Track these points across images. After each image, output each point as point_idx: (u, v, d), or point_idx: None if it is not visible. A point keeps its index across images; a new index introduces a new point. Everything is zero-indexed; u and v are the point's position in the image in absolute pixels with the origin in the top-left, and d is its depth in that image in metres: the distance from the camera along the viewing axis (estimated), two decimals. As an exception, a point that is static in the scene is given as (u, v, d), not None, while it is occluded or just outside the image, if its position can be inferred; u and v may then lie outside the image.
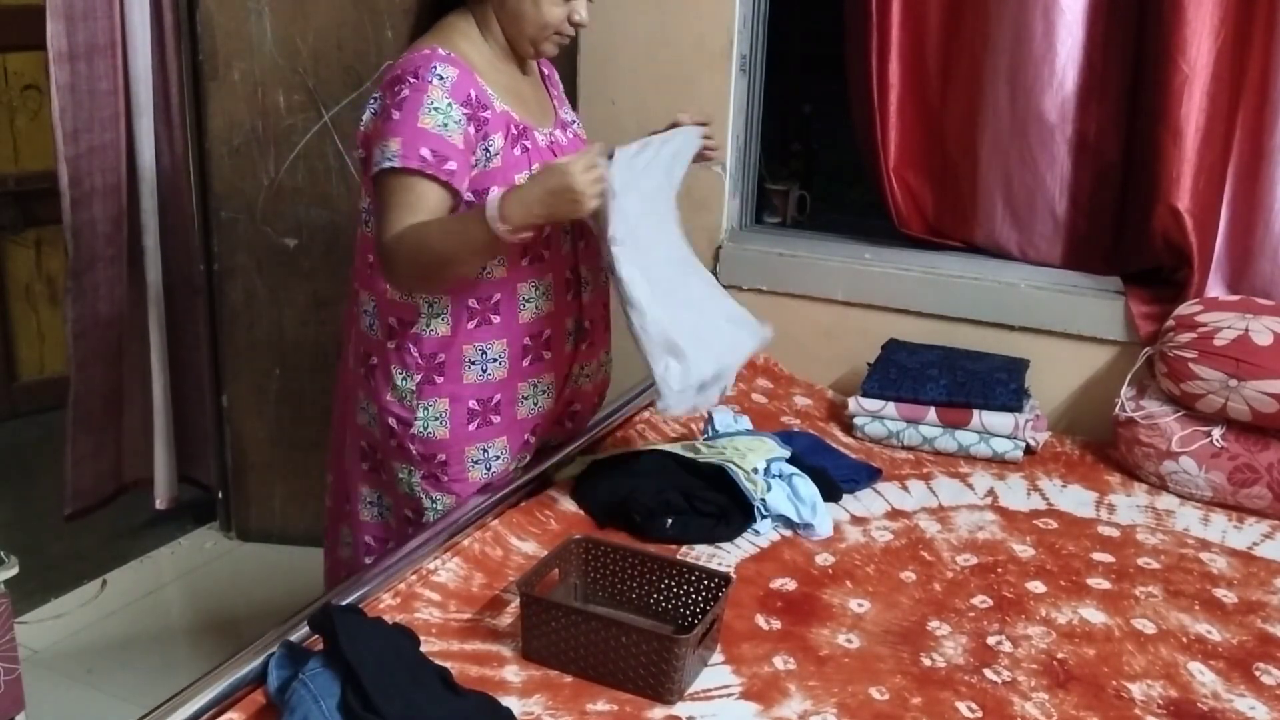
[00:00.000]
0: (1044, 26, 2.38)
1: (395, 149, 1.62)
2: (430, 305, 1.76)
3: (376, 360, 1.82)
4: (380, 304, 1.80)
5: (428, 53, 1.68)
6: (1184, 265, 2.30)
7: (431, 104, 1.64)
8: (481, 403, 1.81)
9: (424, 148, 1.62)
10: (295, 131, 2.80)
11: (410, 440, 1.80)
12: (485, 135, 1.70)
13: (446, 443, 1.81)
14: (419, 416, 1.79)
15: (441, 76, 1.65)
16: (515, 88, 1.80)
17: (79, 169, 2.73)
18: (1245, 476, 2.04)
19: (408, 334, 1.78)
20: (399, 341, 1.78)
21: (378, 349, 1.82)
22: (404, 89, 1.65)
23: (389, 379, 1.80)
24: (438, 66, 1.66)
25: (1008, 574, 1.79)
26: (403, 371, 1.79)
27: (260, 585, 2.95)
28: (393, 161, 1.62)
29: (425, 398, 1.79)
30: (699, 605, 1.56)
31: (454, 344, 1.77)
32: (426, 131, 1.63)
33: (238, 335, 2.96)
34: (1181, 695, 1.50)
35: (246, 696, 1.33)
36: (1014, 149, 2.48)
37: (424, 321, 1.77)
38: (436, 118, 1.64)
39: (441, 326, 1.77)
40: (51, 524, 2.98)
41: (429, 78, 1.65)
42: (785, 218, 2.94)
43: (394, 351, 1.79)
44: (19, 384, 3.86)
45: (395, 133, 1.63)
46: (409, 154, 1.62)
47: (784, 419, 2.34)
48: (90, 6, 2.68)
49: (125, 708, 2.34)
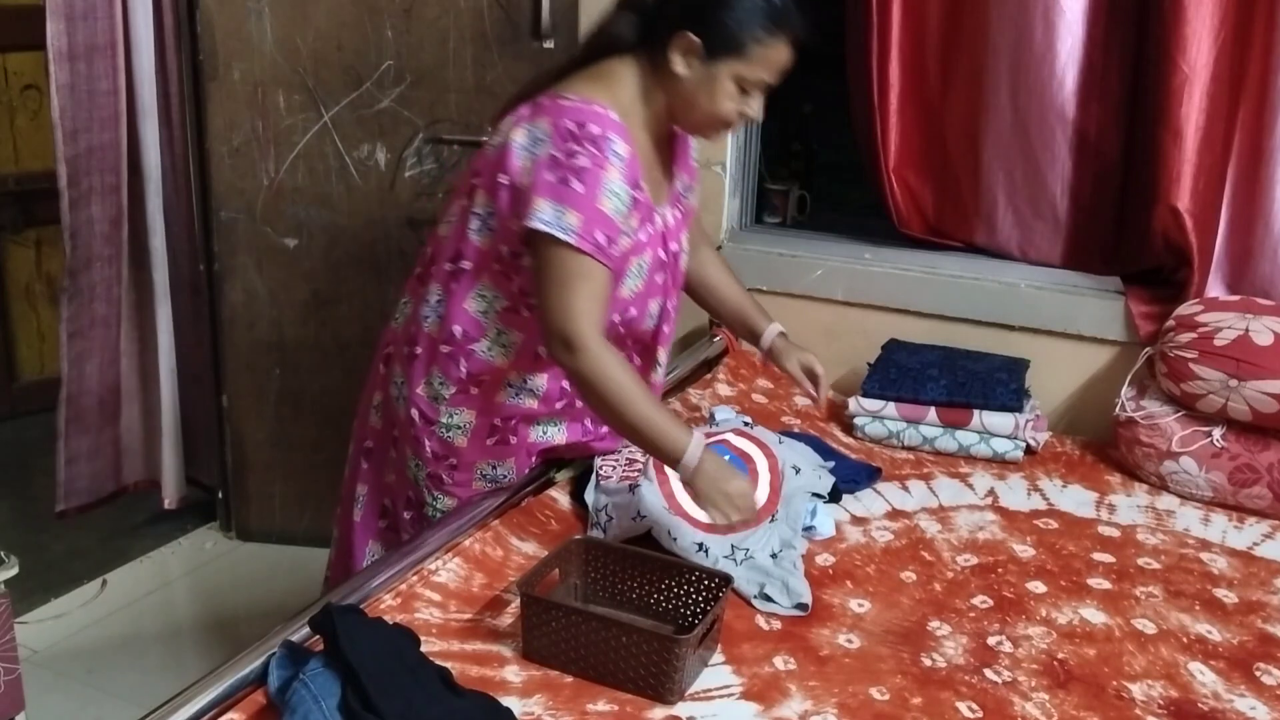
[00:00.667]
0: (1044, 26, 2.37)
1: (574, 224, 1.59)
2: (500, 334, 1.75)
3: (421, 352, 1.80)
4: (451, 308, 1.77)
5: (601, 112, 1.63)
6: (1184, 265, 2.30)
7: (610, 187, 1.61)
8: (504, 421, 1.82)
9: (600, 232, 1.60)
10: (295, 131, 2.81)
11: (429, 437, 1.81)
12: (630, 218, 1.68)
13: (462, 451, 1.81)
14: (443, 421, 1.80)
15: (620, 155, 1.62)
16: (651, 163, 1.76)
17: (77, 169, 2.73)
18: (1245, 476, 2.04)
19: (464, 349, 1.76)
20: (453, 350, 1.77)
21: (426, 343, 1.80)
22: (581, 156, 1.60)
23: (427, 376, 1.79)
24: (614, 141, 1.61)
25: (1008, 574, 1.79)
26: (442, 378, 1.78)
27: (260, 585, 2.95)
28: (568, 236, 1.58)
29: (455, 406, 1.79)
30: (699, 605, 1.56)
31: (501, 373, 1.78)
32: (605, 216, 1.60)
33: (238, 335, 2.96)
34: (1182, 695, 1.50)
35: (247, 697, 1.33)
36: (1014, 149, 2.48)
37: (486, 345, 1.76)
38: (614, 202, 1.61)
39: (500, 357, 1.76)
40: (52, 524, 2.98)
41: (607, 153, 1.60)
42: (785, 218, 2.94)
43: (444, 356, 1.78)
44: (19, 384, 3.86)
45: (576, 206, 1.59)
46: (586, 235, 1.59)
47: (784, 419, 2.34)
48: (90, 6, 2.68)
49: (125, 708, 2.34)
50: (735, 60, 1.65)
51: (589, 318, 1.61)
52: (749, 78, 1.67)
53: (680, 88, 1.68)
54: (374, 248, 2.88)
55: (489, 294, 1.74)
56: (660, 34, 1.67)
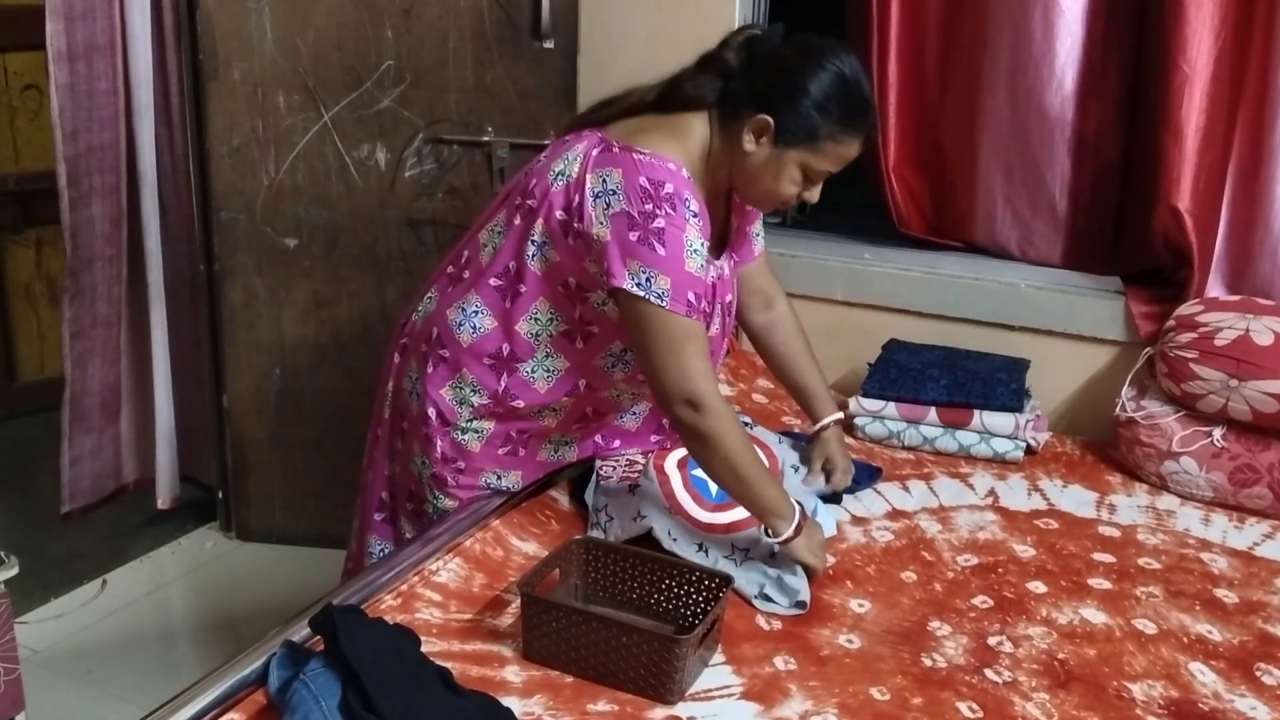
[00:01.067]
0: (1044, 26, 2.38)
1: (665, 288, 1.59)
2: (548, 357, 1.75)
3: (450, 356, 1.79)
4: (500, 326, 1.75)
5: (675, 170, 1.62)
6: (1184, 265, 2.30)
7: (691, 246, 1.60)
8: (520, 434, 1.83)
9: (690, 292, 1.61)
10: (295, 131, 2.80)
11: (442, 437, 1.81)
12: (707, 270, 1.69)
13: (473, 456, 1.82)
14: (461, 425, 1.80)
15: (695, 214, 1.61)
16: (711, 216, 1.74)
17: (77, 169, 2.73)
18: (1246, 476, 2.04)
19: (510, 366, 1.76)
20: (497, 365, 1.76)
21: (460, 350, 1.77)
22: (659, 216, 1.59)
23: (456, 380, 1.78)
24: (689, 200, 1.61)
25: (1008, 574, 1.79)
26: (477, 388, 1.78)
27: (260, 585, 2.95)
28: (663, 301, 1.59)
29: (479, 416, 1.80)
30: (699, 605, 1.56)
31: (538, 400, 1.78)
32: (693, 276, 1.61)
33: (238, 335, 2.96)
34: (1182, 695, 1.50)
35: (247, 697, 1.33)
36: (1014, 149, 2.49)
37: (531, 366, 1.76)
38: (696, 260, 1.62)
39: (542, 381, 1.77)
40: (51, 524, 2.98)
41: (685, 213, 1.60)
42: (785, 218, 2.94)
43: (485, 368, 1.77)
44: (19, 384, 3.86)
45: (664, 270, 1.59)
46: (678, 297, 1.60)
47: (784, 419, 2.34)
48: (90, 6, 2.68)
49: (125, 708, 2.34)
50: (806, 150, 1.66)
51: (707, 377, 1.63)
52: (816, 167, 1.68)
53: (746, 162, 1.69)
54: (374, 248, 2.88)
55: (544, 317, 1.73)
56: (739, 104, 1.67)
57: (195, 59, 2.78)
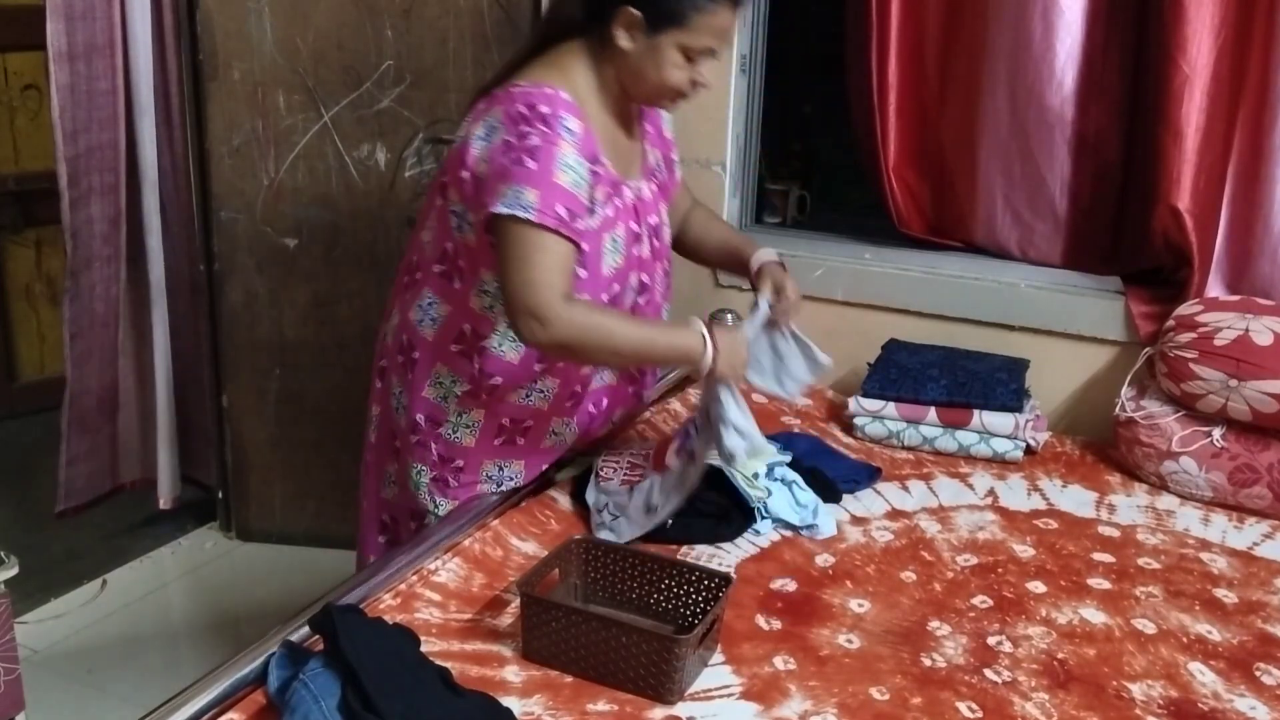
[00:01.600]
0: (1043, 26, 2.37)
1: (532, 201, 1.58)
2: (509, 326, 1.74)
3: (421, 356, 1.80)
4: (454, 309, 1.76)
5: (551, 93, 1.64)
6: (1184, 265, 2.30)
7: (565, 161, 1.61)
8: (514, 423, 1.82)
9: (560, 205, 1.60)
10: (295, 131, 2.81)
11: (434, 439, 1.81)
12: (592, 191, 1.68)
13: (469, 451, 1.81)
14: (450, 420, 1.80)
15: (571, 130, 1.63)
16: (614, 138, 1.77)
17: (78, 169, 2.73)
18: (1245, 476, 2.04)
19: (477, 345, 1.76)
20: (465, 348, 1.77)
21: (427, 346, 1.79)
22: (533, 135, 1.61)
23: (433, 377, 1.79)
24: (565, 118, 1.62)
25: (1008, 574, 1.79)
26: (454, 376, 1.78)
27: (260, 585, 2.95)
28: (528, 213, 1.58)
29: (464, 406, 1.79)
30: (699, 605, 1.56)
31: (514, 374, 1.77)
32: (563, 189, 1.61)
33: (238, 335, 2.96)
34: (1182, 695, 1.50)
35: (247, 696, 1.33)
36: (1014, 149, 2.48)
37: (497, 340, 1.75)
38: (570, 175, 1.62)
39: (511, 352, 1.76)
40: (51, 524, 2.98)
41: (559, 129, 1.61)
42: (785, 218, 2.94)
43: (455, 355, 1.77)
44: (19, 384, 3.86)
45: (531, 183, 1.59)
46: (546, 210, 1.59)
47: (784, 419, 2.34)
48: (90, 6, 2.68)
49: (125, 708, 2.34)
50: (677, 30, 1.66)
51: (551, 288, 1.59)
52: (693, 46, 1.68)
53: (628, 62, 1.70)
54: (374, 248, 2.88)
55: (491, 285, 1.73)
56: (605, 12, 1.68)
57: (195, 59, 2.78)
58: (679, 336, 1.71)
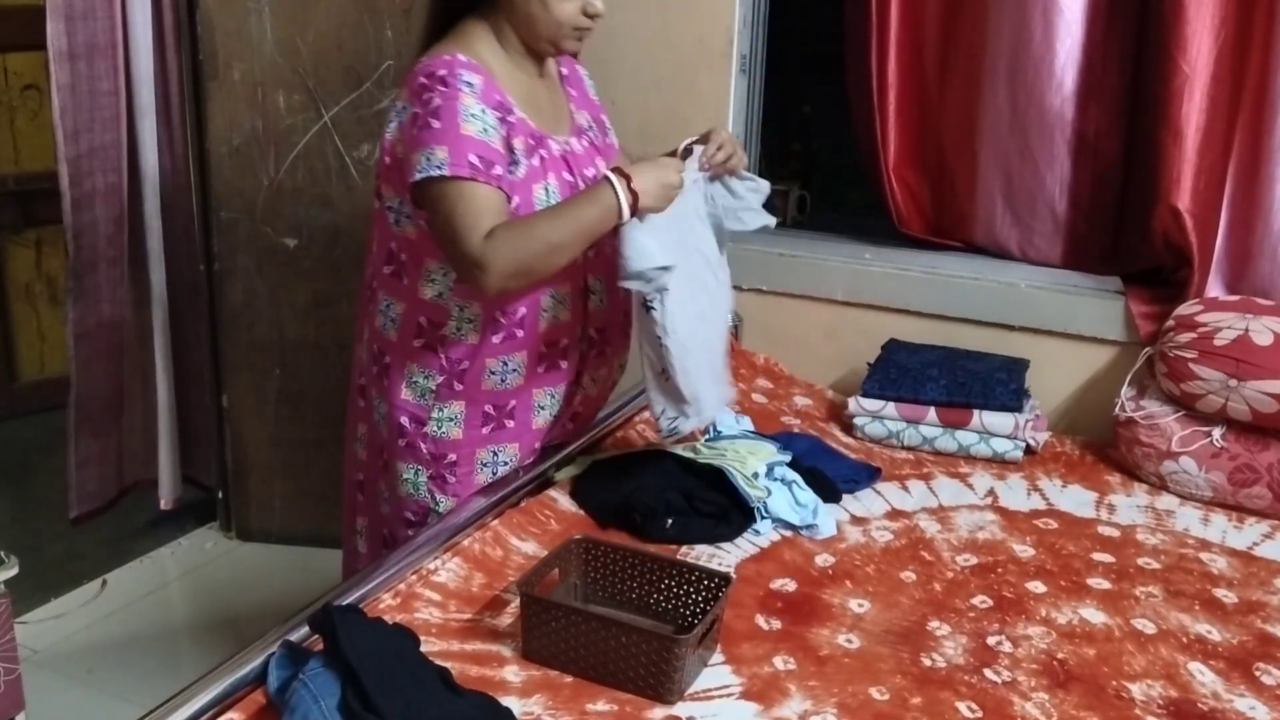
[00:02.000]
0: (1043, 26, 2.38)
1: (442, 157, 1.60)
2: (462, 310, 1.75)
3: (390, 359, 1.81)
4: (408, 304, 1.78)
5: (448, 59, 1.67)
6: (1184, 265, 2.30)
7: (468, 111, 1.63)
8: (497, 408, 1.82)
9: (472, 154, 1.61)
10: (295, 131, 2.81)
11: (422, 439, 1.81)
12: (509, 139, 1.69)
13: (459, 443, 1.82)
14: (433, 416, 1.80)
15: (470, 83, 1.64)
16: (531, 95, 1.79)
17: (80, 169, 2.73)
18: (1245, 476, 2.04)
19: (437, 335, 1.77)
20: (426, 340, 1.78)
21: (394, 349, 1.81)
22: (434, 97, 1.63)
23: (405, 377, 1.80)
24: (463, 73, 1.65)
25: (1008, 574, 1.79)
26: (426, 371, 1.79)
27: (260, 585, 2.95)
28: (441, 169, 1.60)
29: (443, 399, 1.80)
30: (699, 605, 1.56)
31: (479, 355, 1.77)
32: (471, 138, 1.62)
33: (238, 335, 2.96)
34: (1181, 695, 1.50)
35: (246, 696, 1.33)
36: (1014, 149, 2.49)
37: (454, 325, 1.76)
38: (476, 124, 1.63)
39: (471, 334, 1.76)
40: (51, 524, 2.99)
41: (458, 85, 1.64)
42: (785, 218, 2.94)
43: (419, 350, 1.78)
44: (19, 384, 3.86)
45: (439, 140, 1.61)
46: (458, 161, 1.60)
47: (784, 419, 2.34)
48: (90, 6, 2.68)
49: (125, 708, 2.34)
50: None
51: (478, 231, 1.60)
52: None
53: (517, 11, 1.73)
54: (374, 248, 2.88)
55: (437, 273, 1.75)
56: None
57: (196, 59, 2.78)
58: (594, 193, 1.67)
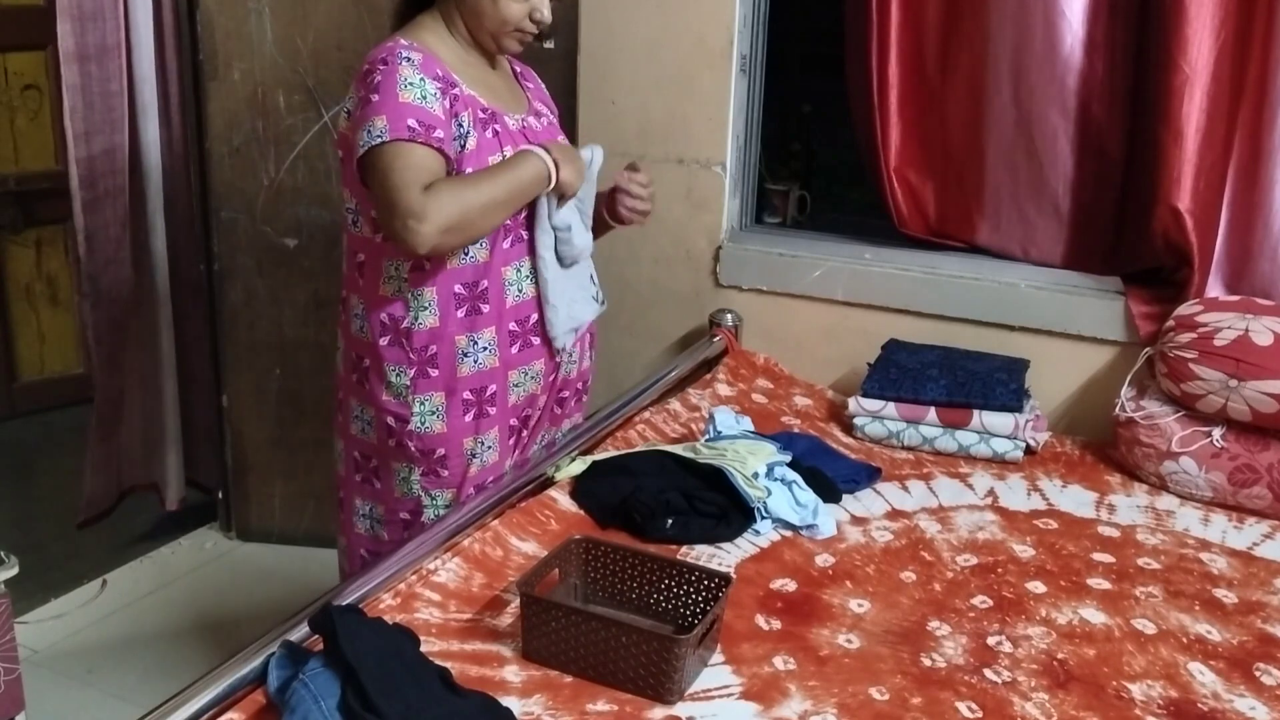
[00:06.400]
0: (1044, 26, 2.38)
1: (382, 125, 1.66)
2: (416, 298, 1.78)
3: (369, 362, 1.84)
4: (370, 304, 1.82)
5: (390, 44, 1.73)
6: (1184, 265, 2.30)
7: (405, 81, 1.68)
8: (475, 393, 1.83)
9: (410, 119, 1.66)
10: (295, 131, 2.81)
11: (408, 437, 1.81)
12: (456, 113, 1.73)
13: (444, 437, 1.82)
14: (415, 412, 1.81)
15: (408, 59, 1.70)
16: (483, 78, 1.83)
17: (92, 170, 2.73)
18: (1245, 477, 2.04)
19: (399, 329, 1.80)
20: (391, 337, 1.81)
21: (369, 350, 1.83)
22: (375, 75, 1.69)
23: (383, 377, 1.82)
24: (402, 53, 1.71)
25: (1008, 574, 1.79)
26: (396, 367, 1.80)
27: (260, 585, 2.95)
28: (382, 136, 1.65)
29: (420, 392, 1.80)
30: (699, 605, 1.56)
31: (444, 335, 1.80)
32: (409, 104, 1.67)
33: (238, 335, 2.96)
34: (1181, 695, 1.50)
35: (246, 696, 1.33)
36: (1014, 149, 2.48)
37: (412, 315, 1.79)
38: (414, 92, 1.68)
39: (429, 318, 1.79)
40: (51, 524, 2.98)
41: (396, 61, 1.69)
42: (785, 218, 2.94)
43: (387, 348, 1.81)
44: (19, 384, 3.86)
45: (377, 111, 1.66)
46: (397, 126, 1.65)
47: (784, 419, 2.34)
48: (98, 7, 2.68)
49: (125, 708, 2.34)
50: None
51: (415, 186, 1.64)
52: None
53: (466, 5, 1.78)
54: (374, 248, 2.88)
55: (391, 268, 1.79)
56: None
57: (196, 59, 2.78)
58: (526, 161, 1.76)
